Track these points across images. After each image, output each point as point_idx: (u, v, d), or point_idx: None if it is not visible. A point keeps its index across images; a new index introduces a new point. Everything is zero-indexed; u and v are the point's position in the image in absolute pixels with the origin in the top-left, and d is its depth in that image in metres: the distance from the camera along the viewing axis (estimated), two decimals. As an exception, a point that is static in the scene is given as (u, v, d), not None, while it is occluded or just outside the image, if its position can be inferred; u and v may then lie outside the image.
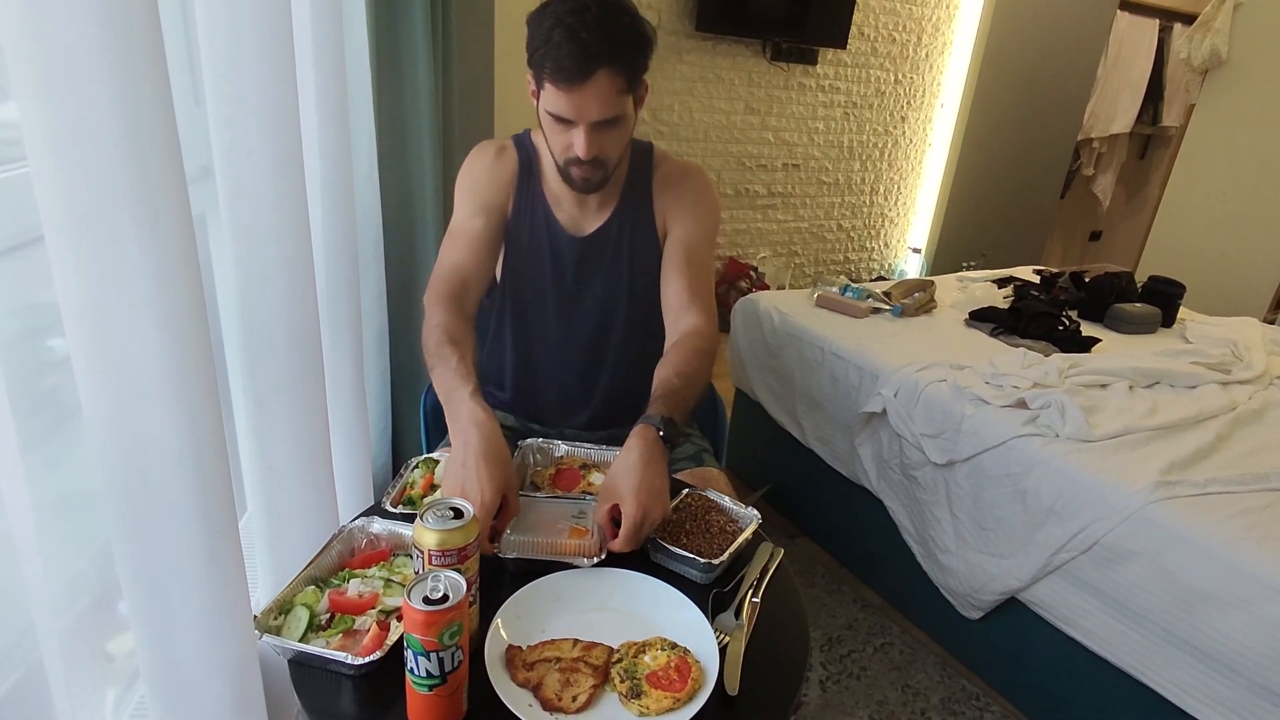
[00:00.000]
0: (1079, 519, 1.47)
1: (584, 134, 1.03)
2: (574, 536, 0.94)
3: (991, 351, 2.00)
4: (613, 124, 1.05)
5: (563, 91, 1.00)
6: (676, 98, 3.12)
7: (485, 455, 0.89)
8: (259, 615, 0.78)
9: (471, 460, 0.89)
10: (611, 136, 1.06)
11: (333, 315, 1.22)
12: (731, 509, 1.03)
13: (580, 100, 1.00)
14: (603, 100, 1.01)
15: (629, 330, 1.28)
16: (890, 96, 3.80)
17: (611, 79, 1.00)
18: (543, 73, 1.01)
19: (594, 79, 0.99)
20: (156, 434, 0.66)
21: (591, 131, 1.03)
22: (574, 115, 1.02)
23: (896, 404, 1.83)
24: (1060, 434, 1.60)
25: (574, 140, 1.04)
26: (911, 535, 1.85)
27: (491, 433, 0.92)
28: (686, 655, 0.78)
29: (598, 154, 1.06)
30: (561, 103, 1.01)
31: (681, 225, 1.23)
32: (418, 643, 0.67)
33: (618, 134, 1.07)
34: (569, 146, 1.06)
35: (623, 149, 1.11)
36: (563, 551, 0.91)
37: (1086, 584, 1.47)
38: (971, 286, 2.52)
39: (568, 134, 1.05)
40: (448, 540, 0.73)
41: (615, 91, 1.01)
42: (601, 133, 1.04)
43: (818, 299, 2.29)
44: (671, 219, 1.23)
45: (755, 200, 3.58)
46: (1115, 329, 2.35)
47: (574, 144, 1.04)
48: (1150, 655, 1.38)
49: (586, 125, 1.02)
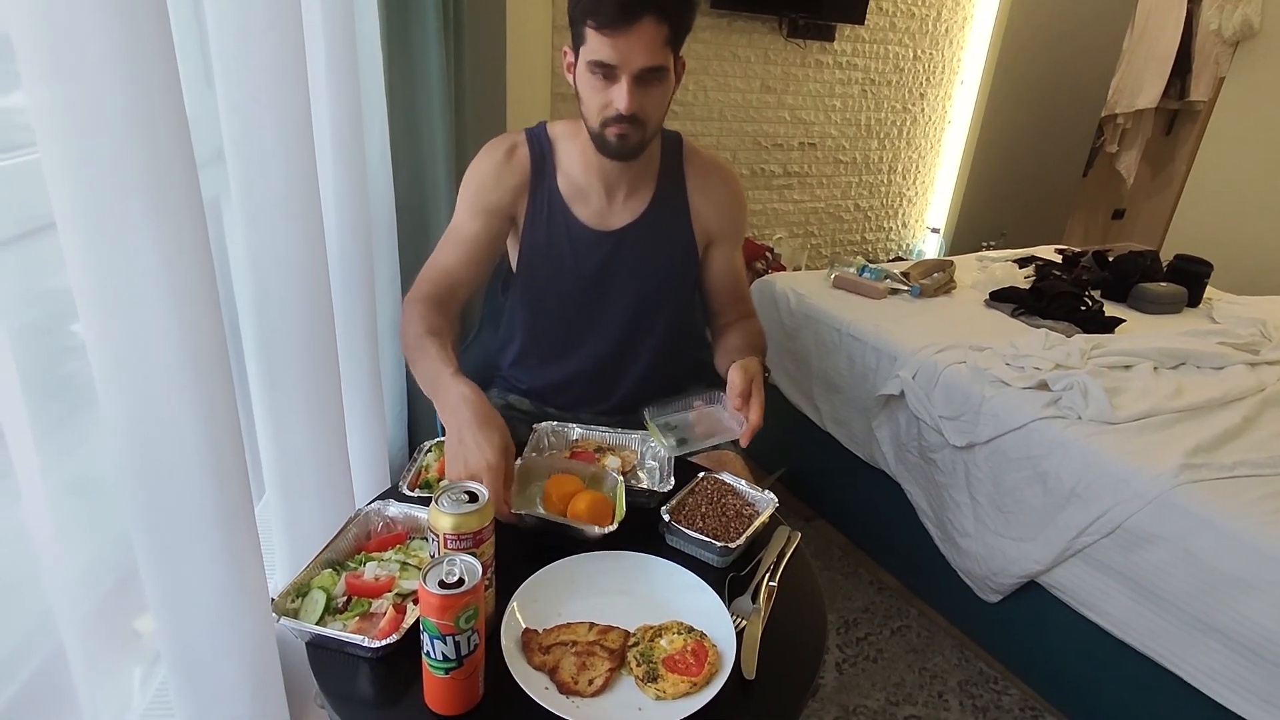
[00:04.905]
0: (1101, 502, 1.45)
1: (627, 85, 1.02)
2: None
3: (1012, 332, 1.98)
4: (655, 79, 1.03)
5: (607, 36, 0.99)
6: (691, 77, 3.06)
7: (479, 424, 0.89)
8: (276, 598, 0.78)
9: (468, 433, 0.88)
10: (652, 95, 1.05)
11: (346, 298, 1.21)
12: (748, 492, 1.02)
13: (625, 45, 0.99)
14: (648, 46, 1.00)
15: (663, 326, 1.28)
16: (909, 73, 3.72)
17: (657, 26, 0.99)
18: (585, 23, 1.00)
19: (640, 24, 0.98)
20: (171, 418, 0.66)
21: (634, 84, 1.02)
22: (618, 60, 1.01)
23: (915, 386, 1.81)
24: (1083, 416, 1.58)
25: (614, 95, 1.03)
26: (929, 518, 1.83)
27: (480, 403, 0.91)
28: (703, 639, 0.78)
29: (637, 110, 1.04)
30: (605, 49, 1.00)
31: (720, 233, 1.27)
32: (434, 626, 0.67)
33: (659, 93, 1.06)
34: (608, 104, 1.04)
35: (661, 115, 1.10)
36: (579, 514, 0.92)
37: (1108, 567, 1.45)
38: (992, 266, 2.48)
39: (608, 90, 1.03)
40: (463, 524, 0.73)
41: (660, 40, 1.01)
42: (643, 89, 1.03)
43: (835, 280, 2.26)
44: (713, 227, 1.25)
45: (771, 180, 3.53)
46: (1139, 309, 2.30)
47: (614, 99, 1.03)
48: (1174, 640, 1.36)
49: (629, 76, 1.01)
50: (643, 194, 1.21)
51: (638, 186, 1.20)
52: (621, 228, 1.20)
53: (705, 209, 1.24)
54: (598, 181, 1.18)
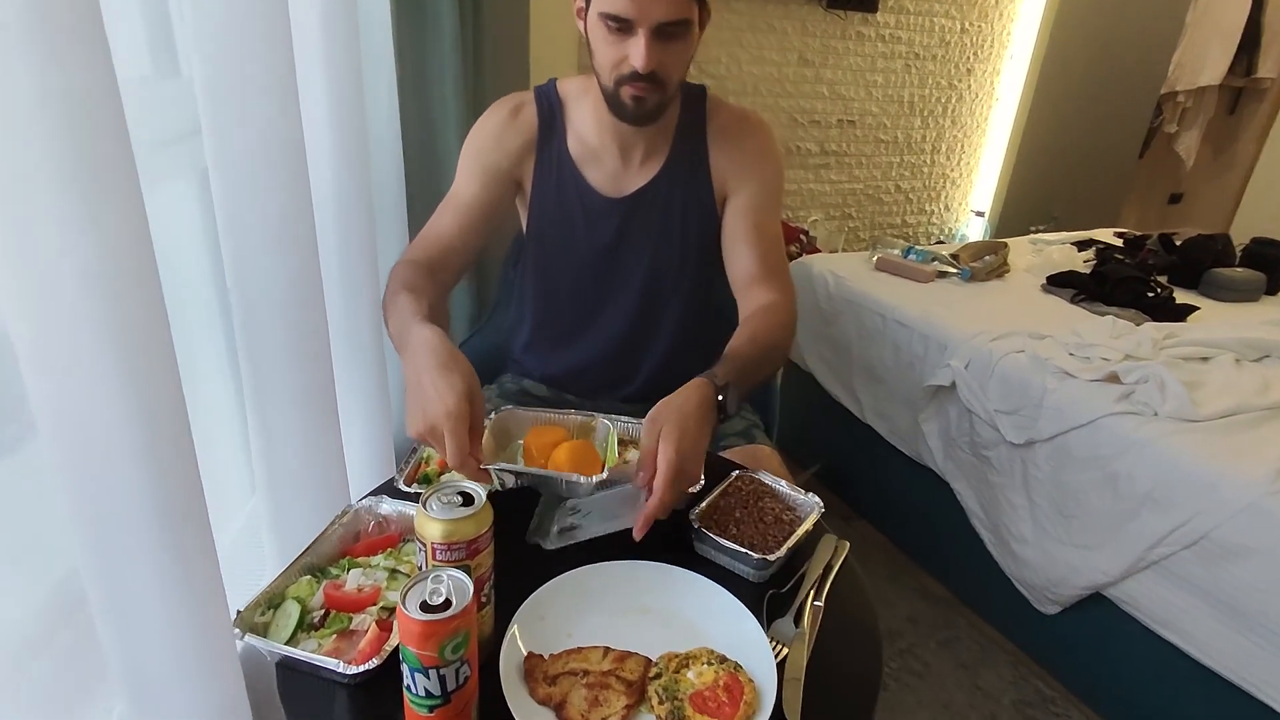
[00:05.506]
0: (1182, 510, 1.30)
1: (644, 40, 0.89)
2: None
3: (1074, 319, 1.83)
4: (676, 33, 0.91)
5: None
6: (724, 48, 2.92)
7: (438, 366, 0.75)
8: (243, 610, 0.68)
9: (425, 377, 0.75)
10: (673, 51, 0.93)
11: (345, 274, 1.11)
12: (789, 495, 0.89)
13: None
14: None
15: (683, 300, 1.15)
16: (955, 47, 3.53)
17: None
18: None
19: None
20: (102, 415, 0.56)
21: (653, 39, 0.90)
22: (634, 13, 0.88)
23: (968, 376, 1.67)
24: (1159, 412, 1.42)
25: (630, 51, 0.91)
26: (982, 521, 1.70)
27: (441, 345, 0.77)
28: (738, 672, 0.66)
29: (656, 69, 0.91)
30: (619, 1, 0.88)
31: (745, 189, 1.09)
32: (414, 657, 0.55)
33: (680, 49, 0.93)
34: (623, 60, 0.92)
35: (682, 73, 0.97)
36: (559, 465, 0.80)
37: (1189, 582, 1.30)
38: (1048, 249, 2.31)
39: (623, 44, 0.91)
40: (455, 531, 0.62)
41: None
42: (663, 44, 0.91)
43: (878, 262, 2.12)
44: (732, 181, 1.09)
45: (807, 159, 3.38)
46: (1213, 296, 2.12)
47: (630, 54, 0.91)
48: (1266, 667, 1.21)
49: (648, 29, 0.89)
50: (660, 154, 1.08)
51: (656, 147, 1.08)
52: (635, 192, 1.08)
53: (729, 167, 1.09)
54: (611, 142, 1.06)
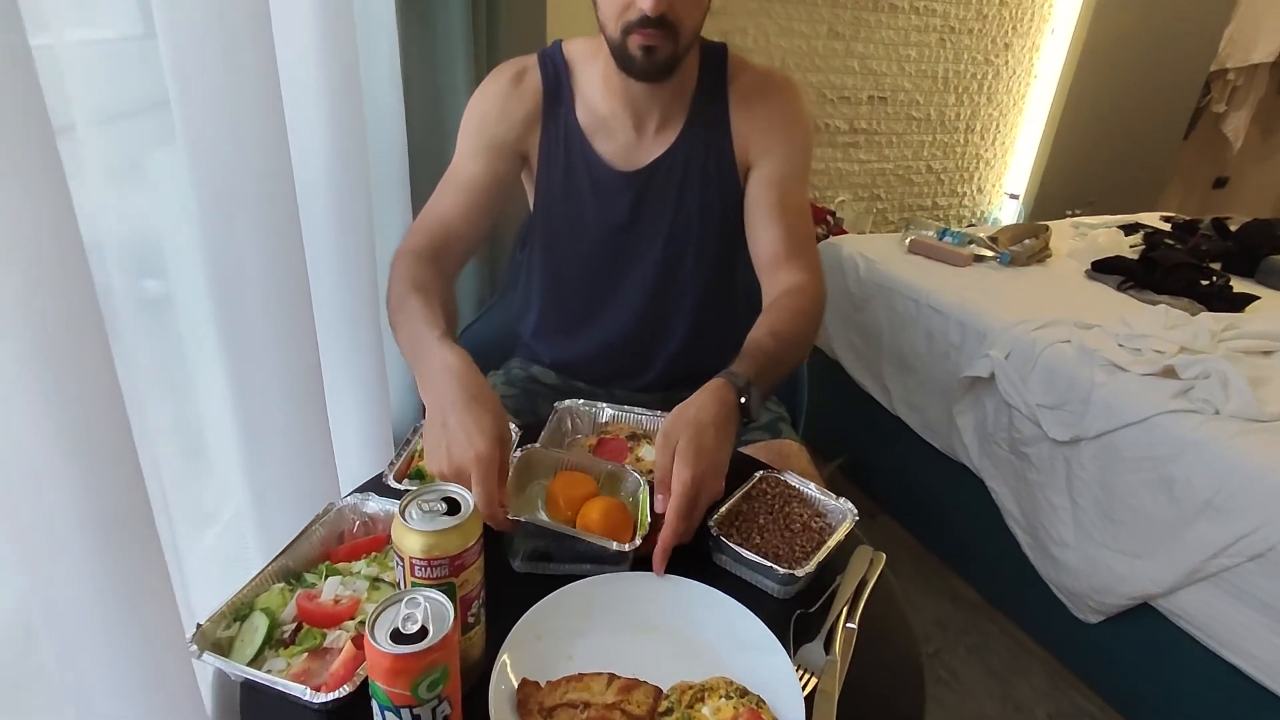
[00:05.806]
0: (1247, 519, 1.19)
1: None
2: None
3: (1122, 308, 1.72)
4: None
5: None
6: (751, 19, 2.80)
7: (466, 402, 0.69)
8: (205, 624, 0.60)
9: (452, 415, 0.68)
10: None
11: (342, 252, 1.03)
12: (819, 499, 0.80)
13: None
14: None
15: (702, 281, 1.05)
16: (993, 20, 3.36)
17: None
18: None
19: None
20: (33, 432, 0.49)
21: None
22: None
23: (1008, 367, 1.56)
24: (1221, 410, 1.31)
25: None
26: (1018, 522, 1.60)
27: (468, 375, 0.72)
28: (760, 709, 0.58)
29: (667, 10, 0.81)
30: None
31: (771, 158, 0.98)
32: (383, 695, 0.47)
33: None
34: (629, 4, 0.82)
35: (698, 20, 0.87)
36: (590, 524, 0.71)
37: (1253, 597, 1.19)
38: (1092, 233, 2.17)
39: None
40: (437, 545, 0.53)
41: None
42: None
43: (911, 244, 2.00)
44: (756, 149, 0.99)
45: (836, 137, 3.24)
46: (1273, 285, 2.00)
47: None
48: (1338, 692, 1.10)
49: None
50: (677, 121, 0.98)
51: (672, 113, 0.98)
52: (650, 164, 0.98)
53: (752, 133, 0.99)
54: (623, 110, 0.96)
